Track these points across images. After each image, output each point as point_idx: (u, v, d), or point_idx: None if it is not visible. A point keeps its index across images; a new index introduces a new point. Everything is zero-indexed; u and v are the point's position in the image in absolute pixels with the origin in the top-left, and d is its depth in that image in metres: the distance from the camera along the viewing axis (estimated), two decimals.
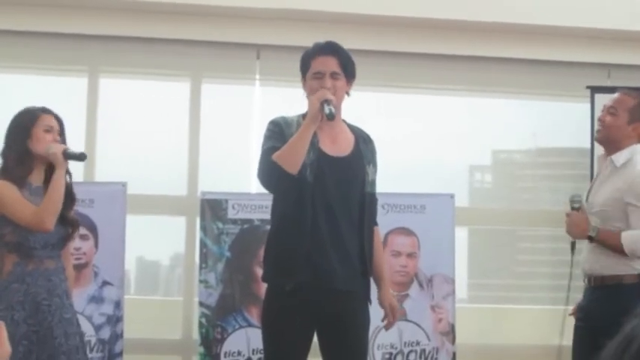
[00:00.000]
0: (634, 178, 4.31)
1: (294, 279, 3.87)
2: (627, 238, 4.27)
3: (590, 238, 4.37)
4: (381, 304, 4.15)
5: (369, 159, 4.10)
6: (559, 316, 4.72)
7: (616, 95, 4.49)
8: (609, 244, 4.31)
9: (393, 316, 4.14)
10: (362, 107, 5.04)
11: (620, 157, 4.37)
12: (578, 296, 4.65)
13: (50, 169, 4.19)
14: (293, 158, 3.83)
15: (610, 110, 4.41)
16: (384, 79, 6.49)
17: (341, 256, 3.93)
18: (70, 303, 4.22)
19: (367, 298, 4.05)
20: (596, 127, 4.57)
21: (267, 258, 4.05)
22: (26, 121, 4.19)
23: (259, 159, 3.96)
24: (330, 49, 4.02)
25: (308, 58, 4.04)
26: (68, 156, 4.19)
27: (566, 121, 6.66)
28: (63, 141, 4.24)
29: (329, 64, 3.97)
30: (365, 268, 4.02)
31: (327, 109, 3.80)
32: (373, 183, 4.11)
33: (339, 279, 3.92)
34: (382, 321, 4.19)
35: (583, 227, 4.39)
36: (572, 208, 4.48)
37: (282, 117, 4.06)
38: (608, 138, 4.42)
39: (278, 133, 3.96)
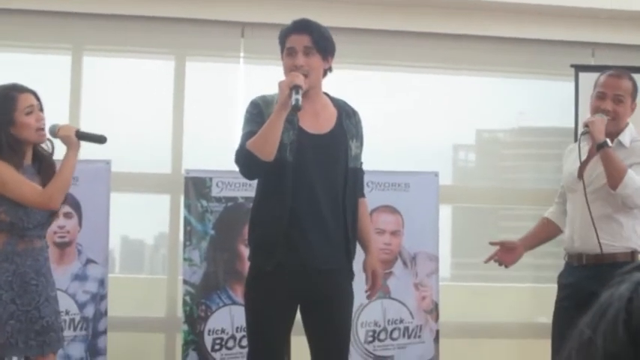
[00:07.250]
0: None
1: (274, 259, 3.88)
2: (631, 176, 4.16)
3: (604, 145, 4.18)
4: (365, 270, 4.15)
5: (352, 133, 4.07)
6: (542, 294, 4.74)
7: (614, 80, 4.39)
8: (615, 163, 4.19)
9: (374, 283, 4.14)
10: (346, 85, 5.03)
11: (625, 138, 4.35)
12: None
13: (36, 147, 4.17)
14: (266, 147, 3.80)
15: (619, 98, 4.35)
16: (369, 58, 6.49)
17: (322, 235, 3.93)
18: (53, 281, 4.23)
19: (350, 276, 4.06)
20: (603, 117, 4.30)
21: (250, 238, 4.07)
22: (5, 109, 4.05)
23: (239, 143, 3.95)
24: (302, 26, 3.97)
25: (283, 36, 4.01)
26: (83, 137, 4.16)
27: (550, 100, 6.66)
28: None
29: (301, 41, 3.92)
30: (348, 246, 4.02)
31: (293, 100, 3.72)
32: (357, 157, 4.09)
33: (320, 258, 3.92)
34: (366, 292, 4.19)
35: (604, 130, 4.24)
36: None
37: (261, 97, 4.03)
38: (615, 126, 4.35)
39: (257, 114, 3.94)
